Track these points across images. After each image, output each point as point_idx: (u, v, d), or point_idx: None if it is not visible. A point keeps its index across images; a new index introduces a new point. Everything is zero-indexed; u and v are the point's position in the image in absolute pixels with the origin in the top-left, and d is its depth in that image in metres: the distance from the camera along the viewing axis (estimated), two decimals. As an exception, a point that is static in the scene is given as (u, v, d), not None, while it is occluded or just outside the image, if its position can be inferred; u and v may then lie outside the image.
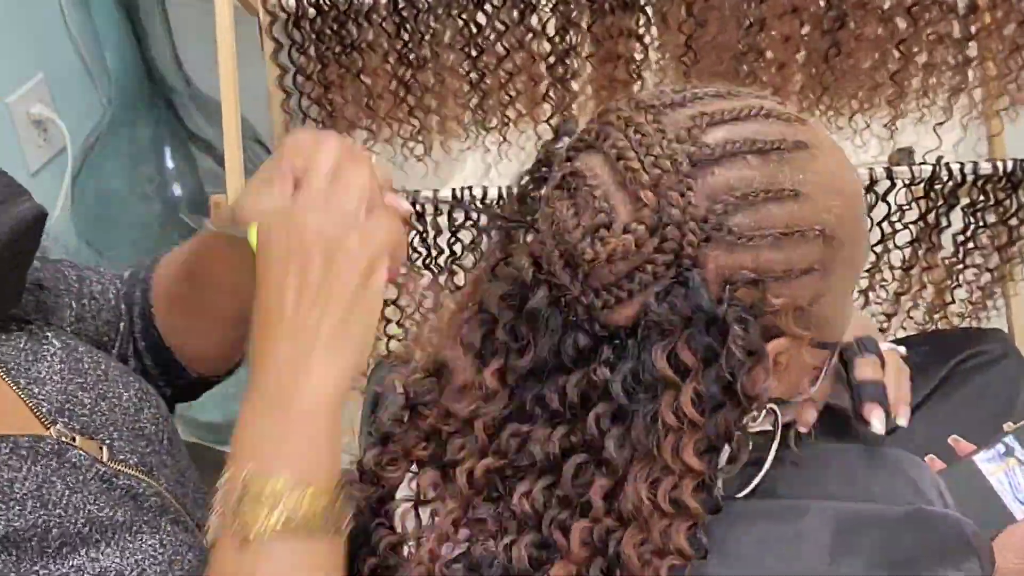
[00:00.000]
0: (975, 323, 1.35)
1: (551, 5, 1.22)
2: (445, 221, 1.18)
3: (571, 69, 1.26)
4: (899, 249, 1.23)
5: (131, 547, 0.67)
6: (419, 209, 1.16)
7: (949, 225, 1.20)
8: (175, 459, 0.78)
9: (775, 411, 0.66)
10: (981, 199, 1.17)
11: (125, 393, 0.76)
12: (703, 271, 0.59)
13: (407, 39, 1.25)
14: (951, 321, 1.36)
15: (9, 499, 0.63)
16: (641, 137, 0.61)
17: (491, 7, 1.22)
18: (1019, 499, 0.78)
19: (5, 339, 0.72)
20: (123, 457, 0.72)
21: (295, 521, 0.59)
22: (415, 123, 1.34)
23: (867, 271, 1.27)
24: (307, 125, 1.34)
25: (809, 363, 0.65)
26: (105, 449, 0.71)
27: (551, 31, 1.23)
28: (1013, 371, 1.08)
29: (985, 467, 0.80)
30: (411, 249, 1.21)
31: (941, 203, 1.17)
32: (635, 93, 0.75)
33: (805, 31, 1.22)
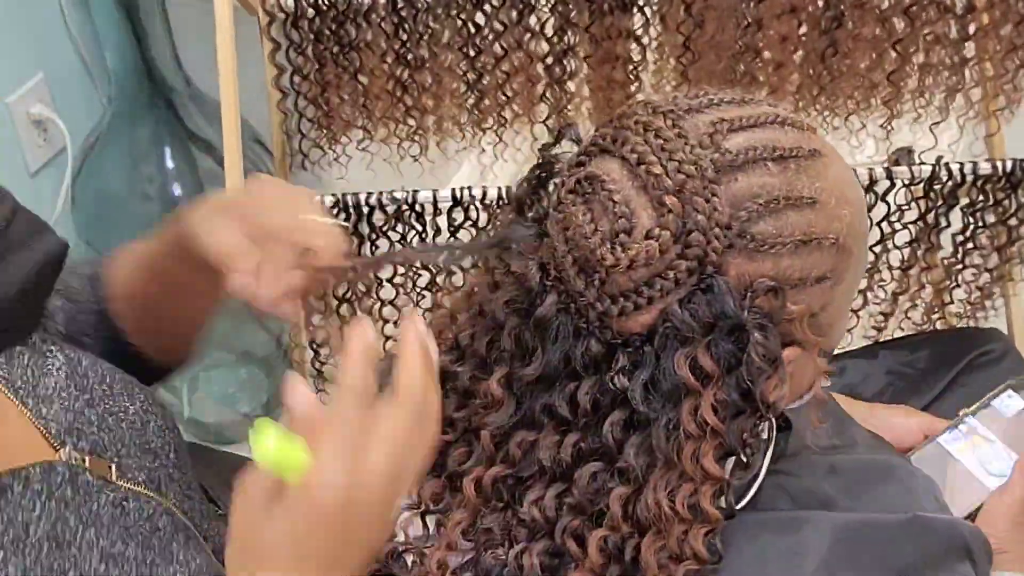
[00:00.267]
0: (973, 323, 1.35)
1: (550, 5, 1.22)
2: (444, 221, 1.18)
3: (568, 70, 1.26)
4: (898, 249, 1.23)
5: None
6: (419, 209, 1.16)
7: (948, 225, 1.20)
8: (182, 472, 0.77)
9: (771, 419, 0.65)
10: (980, 199, 1.16)
11: (131, 406, 0.75)
12: (725, 278, 0.58)
13: (405, 39, 1.25)
14: (949, 321, 1.35)
15: (25, 544, 0.61)
16: (663, 142, 0.60)
17: (490, 7, 1.22)
18: (990, 472, 0.83)
19: (9, 356, 0.70)
20: (131, 475, 0.71)
21: None
22: (412, 123, 1.34)
23: (866, 271, 1.27)
24: (304, 125, 1.34)
25: (813, 371, 0.65)
26: (114, 467, 0.70)
27: (549, 31, 1.23)
28: (1013, 371, 1.07)
29: (952, 447, 0.85)
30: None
31: (940, 203, 1.17)
32: (649, 98, 0.74)
33: (803, 31, 1.22)
